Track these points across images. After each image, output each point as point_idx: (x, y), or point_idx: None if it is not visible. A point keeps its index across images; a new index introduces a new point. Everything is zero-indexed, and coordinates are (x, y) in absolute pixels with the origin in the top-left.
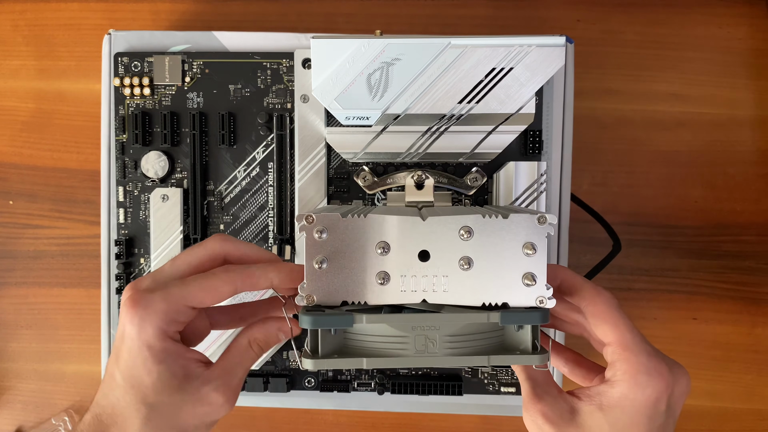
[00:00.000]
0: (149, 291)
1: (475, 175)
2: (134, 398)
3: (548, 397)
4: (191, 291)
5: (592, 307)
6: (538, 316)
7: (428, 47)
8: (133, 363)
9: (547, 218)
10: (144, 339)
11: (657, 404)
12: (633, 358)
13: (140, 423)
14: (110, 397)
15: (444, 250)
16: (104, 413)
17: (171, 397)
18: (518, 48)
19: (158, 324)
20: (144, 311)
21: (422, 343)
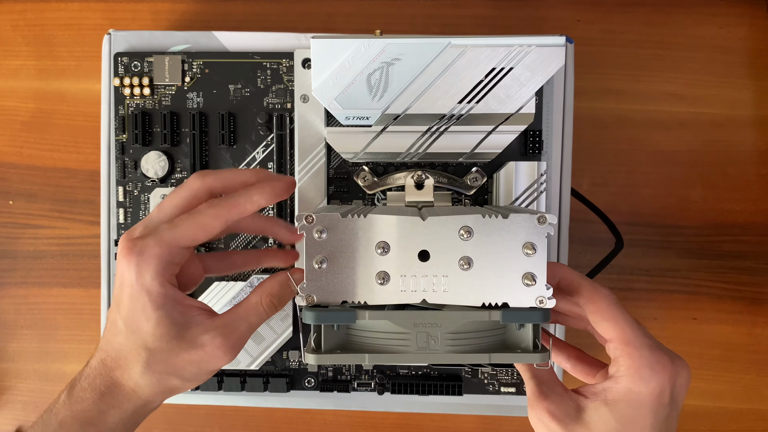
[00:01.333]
0: (142, 237)
1: (475, 175)
2: (135, 343)
3: (554, 395)
4: (181, 231)
5: (591, 305)
6: (540, 315)
7: (428, 47)
8: (133, 309)
9: (547, 218)
10: (142, 284)
11: (661, 397)
12: (635, 353)
13: (141, 367)
14: (113, 343)
15: (444, 250)
16: (108, 357)
17: (169, 343)
18: (518, 48)
19: (154, 268)
20: (139, 257)
21: (424, 340)
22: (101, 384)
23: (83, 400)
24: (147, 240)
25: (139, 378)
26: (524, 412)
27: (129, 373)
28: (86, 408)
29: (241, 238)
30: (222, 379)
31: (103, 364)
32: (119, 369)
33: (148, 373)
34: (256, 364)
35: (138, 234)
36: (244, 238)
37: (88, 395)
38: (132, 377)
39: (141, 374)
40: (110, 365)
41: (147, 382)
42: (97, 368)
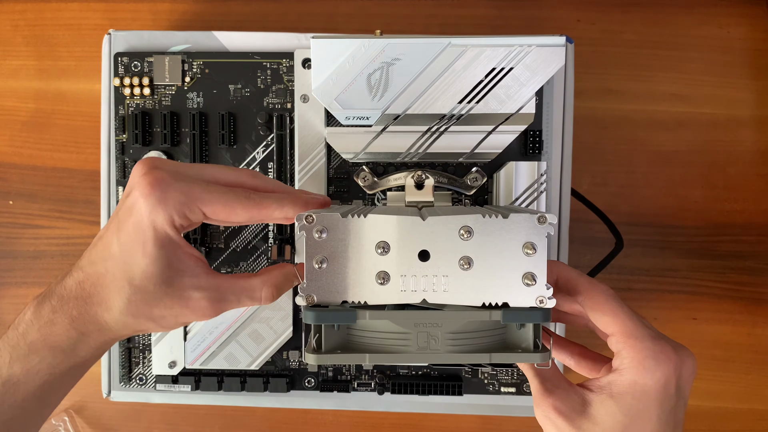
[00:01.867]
0: (173, 176)
1: (475, 175)
2: (123, 274)
3: (559, 391)
4: (211, 198)
5: (590, 301)
6: (540, 315)
7: (428, 47)
8: (135, 238)
9: (547, 218)
10: (153, 219)
11: (667, 387)
12: (638, 345)
13: (122, 303)
14: (98, 266)
15: (444, 250)
16: (88, 281)
17: (156, 286)
18: (518, 48)
19: (171, 212)
20: (162, 193)
21: (424, 340)
22: (74, 308)
23: (53, 324)
24: (177, 183)
25: (117, 313)
26: (524, 412)
27: (107, 305)
28: (56, 332)
29: (241, 238)
30: (222, 379)
31: (81, 287)
32: (97, 298)
33: (127, 311)
34: (256, 364)
35: (169, 170)
36: (243, 239)
37: (59, 319)
38: (109, 311)
39: (119, 310)
40: (88, 291)
41: (123, 319)
42: (73, 291)
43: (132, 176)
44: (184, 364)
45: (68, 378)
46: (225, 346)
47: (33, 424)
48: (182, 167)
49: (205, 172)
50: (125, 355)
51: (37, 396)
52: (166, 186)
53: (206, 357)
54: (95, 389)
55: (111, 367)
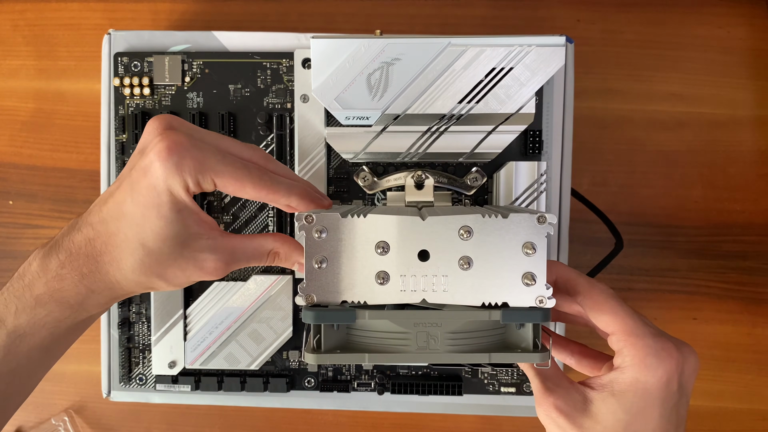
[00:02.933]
0: (189, 141)
1: (475, 175)
2: (136, 236)
3: (560, 390)
4: (225, 171)
5: (589, 300)
6: (540, 315)
7: (428, 47)
8: (150, 201)
9: (546, 218)
10: (169, 184)
11: (669, 384)
12: (639, 342)
13: (134, 263)
14: (110, 225)
15: (444, 249)
16: (98, 239)
17: (171, 249)
18: (518, 48)
19: (186, 178)
20: (180, 158)
21: (424, 340)
22: (84, 265)
23: (62, 278)
24: (194, 150)
25: (129, 273)
26: (524, 412)
27: (119, 265)
28: (65, 288)
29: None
30: (222, 379)
31: (91, 245)
32: (108, 257)
33: (139, 271)
34: (256, 364)
35: (185, 133)
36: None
37: (67, 273)
38: (121, 270)
39: (131, 270)
40: (99, 249)
41: (134, 279)
42: (83, 247)
43: (146, 133)
44: (184, 364)
45: (74, 331)
46: (225, 346)
47: (38, 373)
48: (198, 132)
49: (221, 143)
50: (125, 355)
51: (43, 347)
52: (184, 152)
53: (206, 357)
54: (95, 389)
55: (111, 367)
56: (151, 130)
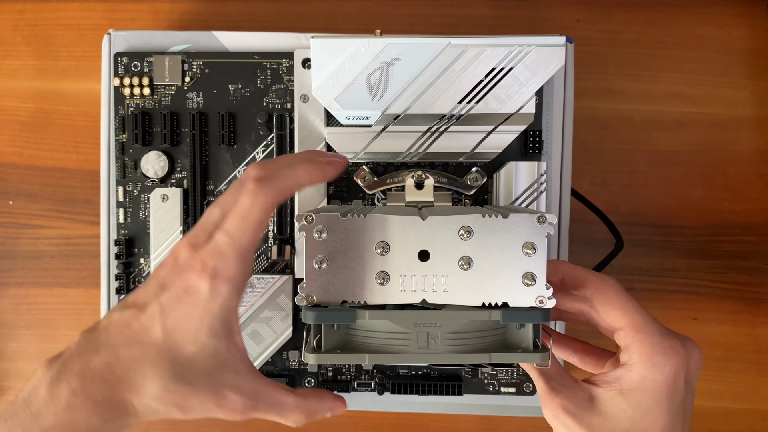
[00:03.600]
0: (212, 255)
1: (475, 175)
2: (163, 362)
3: (565, 389)
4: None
5: (599, 295)
6: (540, 315)
7: (428, 47)
8: (186, 326)
9: (546, 218)
10: (212, 310)
11: (676, 382)
12: (647, 340)
13: (156, 390)
14: (134, 350)
15: (444, 249)
16: (120, 364)
17: (197, 378)
18: (518, 48)
19: (235, 295)
20: (214, 280)
21: (424, 340)
22: (99, 392)
23: (74, 408)
24: (219, 259)
25: (148, 400)
26: (524, 412)
27: (137, 391)
28: (77, 419)
29: None
30: None
31: (110, 370)
32: (128, 383)
33: (160, 399)
34: (256, 364)
35: (208, 251)
36: None
37: (80, 403)
38: (140, 397)
39: (151, 398)
40: (118, 375)
41: (152, 407)
42: (99, 373)
43: (180, 254)
44: None
45: None
46: None
47: None
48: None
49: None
50: None
51: None
52: (215, 266)
53: None
54: None
55: None
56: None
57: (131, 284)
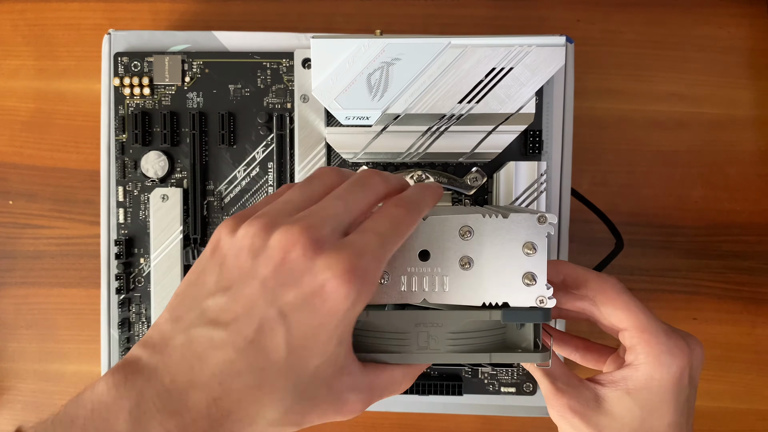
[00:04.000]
0: (360, 256)
1: (475, 175)
2: (287, 383)
3: (571, 389)
4: (391, 248)
5: (602, 296)
6: (540, 315)
7: (428, 47)
8: (317, 337)
9: (547, 218)
10: (351, 315)
11: (681, 380)
12: (653, 340)
13: (276, 415)
14: (247, 378)
15: (444, 249)
16: (229, 398)
17: (318, 391)
18: (518, 48)
19: (367, 299)
20: (362, 285)
21: (425, 340)
22: (203, 431)
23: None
24: (369, 262)
25: (263, 427)
26: (524, 412)
27: (253, 420)
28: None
29: None
30: None
31: (216, 406)
32: (239, 415)
33: (278, 422)
34: None
35: (354, 251)
36: None
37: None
38: (255, 426)
39: (268, 423)
40: (227, 409)
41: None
42: (204, 412)
43: (296, 248)
44: None
45: None
46: None
47: None
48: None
49: (351, 209)
50: (125, 356)
51: None
52: (364, 271)
53: None
54: None
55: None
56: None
57: (131, 284)
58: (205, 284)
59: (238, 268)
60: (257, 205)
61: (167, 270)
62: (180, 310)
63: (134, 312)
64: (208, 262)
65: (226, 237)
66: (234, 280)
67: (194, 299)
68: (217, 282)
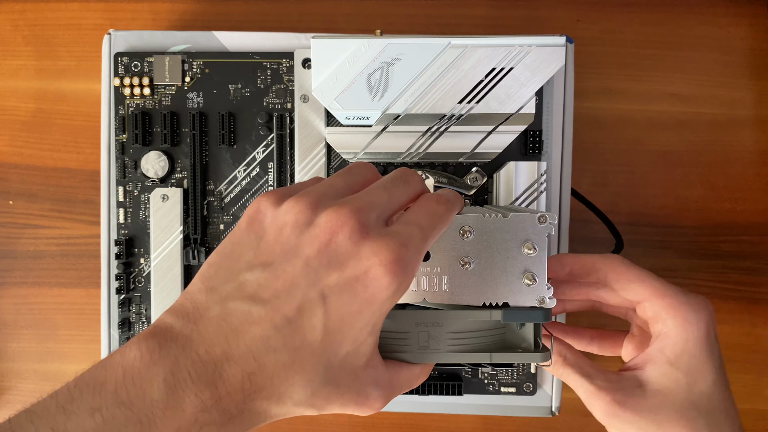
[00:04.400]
0: (405, 247)
1: (475, 175)
2: (318, 365)
3: (611, 384)
4: (431, 242)
5: (612, 273)
6: (541, 314)
7: (428, 47)
8: (353, 322)
9: (547, 218)
10: (385, 308)
11: (710, 335)
12: (675, 303)
13: (302, 396)
14: (282, 355)
15: (444, 249)
16: (262, 373)
17: (345, 378)
18: (518, 48)
19: (405, 292)
20: (404, 275)
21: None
22: (235, 408)
23: (202, 424)
24: (412, 254)
25: (289, 407)
26: (525, 412)
27: (279, 399)
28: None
29: None
30: None
31: (250, 380)
32: (269, 392)
33: (303, 404)
34: None
35: (400, 242)
36: None
37: (211, 418)
38: (280, 406)
39: (294, 403)
40: (260, 384)
41: (288, 412)
42: (238, 385)
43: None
44: None
45: None
46: None
47: None
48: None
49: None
50: None
51: None
52: (407, 263)
53: None
54: None
55: None
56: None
57: (131, 284)
58: (242, 256)
59: (280, 243)
60: (296, 186)
61: (167, 270)
62: (215, 280)
63: (134, 312)
64: (245, 234)
65: (269, 210)
66: (275, 255)
67: (230, 271)
68: (257, 255)
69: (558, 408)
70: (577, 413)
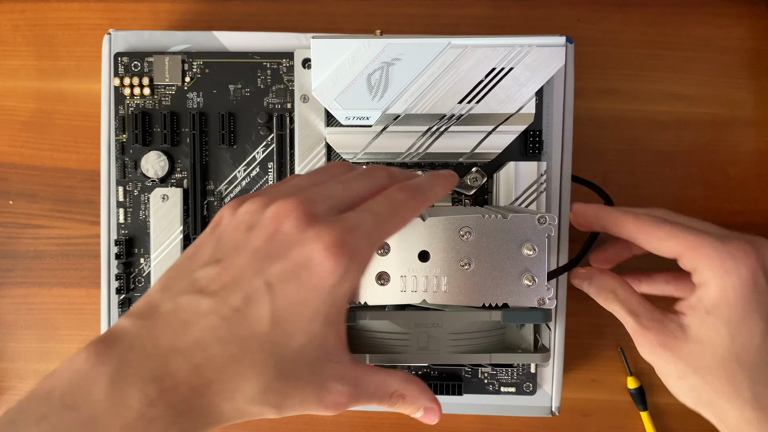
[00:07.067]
0: (351, 232)
1: (475, 175)
2: (269, 357)
3: (655, 324)
4: (386, 231)
5: (643, 235)
6: (540, 315)
7: (428, 47)
8: (301, 312)
9: (547, 218)
10: (338, 291)
11: (756, 281)
12: (710, 252)
13: (255, 390)
14: (231, 347)
15: (444, 250)
16: (211, 365)
17: (302, 372)
18: (518, 48)
19: (357, 278)
20: (351, 261)
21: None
22: (182, 403)
23: (149, 420)
24: (359, 239)
25: (241, 404)
26: (525, 412)
27: (230, 395)
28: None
29: None
30: None
31: (197, 373)
32: (219, 387)
33: (258, 400)
34: None
35: (345, 226)
36: None
37: (157, 413)
38: (232, 402)
39: (247, 400)
40: (209, 378)
41: (244, 410)
42: (185, 379)
43: (289, 219)
44: None
45: None
46: None
47: None
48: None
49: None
50: None
51: None
52: (354, 248)
53: None
54: None
55: None
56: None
57: (131, 284)
58: (199, 257)
59: (233, 240)
60: (264, 189)
61: None
62: (172, 280)
63: None
64: (207, 238)
65: (228, 215)
66: (227, 251)
67: (186, 271)
68: (212, 255)
69: (558, 408)
70: (577, 413)
